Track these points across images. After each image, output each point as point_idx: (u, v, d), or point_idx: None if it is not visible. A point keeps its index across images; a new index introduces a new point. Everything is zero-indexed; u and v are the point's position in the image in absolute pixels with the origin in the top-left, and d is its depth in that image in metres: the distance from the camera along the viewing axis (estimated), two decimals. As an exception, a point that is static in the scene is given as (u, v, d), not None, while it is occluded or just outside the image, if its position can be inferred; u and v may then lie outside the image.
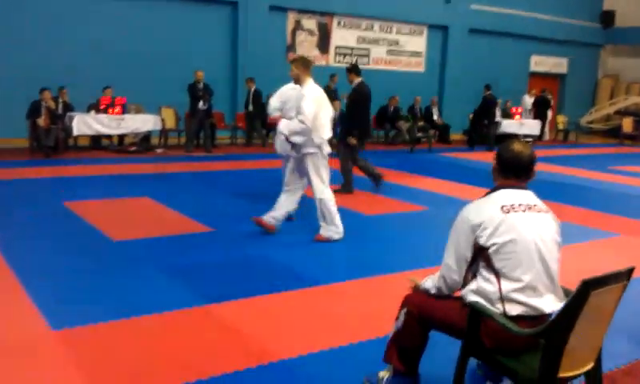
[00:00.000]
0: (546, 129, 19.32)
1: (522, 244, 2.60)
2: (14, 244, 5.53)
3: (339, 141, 9.00)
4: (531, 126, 17.89)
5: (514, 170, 2.78)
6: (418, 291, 3.01)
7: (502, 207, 2.67)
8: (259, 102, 13.88)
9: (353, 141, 8.64)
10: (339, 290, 4.70)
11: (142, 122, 12.71)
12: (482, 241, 2.63)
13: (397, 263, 5.33)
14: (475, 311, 2.65)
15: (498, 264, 2.60)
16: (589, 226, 7.36)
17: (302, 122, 5.79)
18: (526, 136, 17.81)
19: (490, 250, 2.61)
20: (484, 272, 2.66)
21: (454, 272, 2.77)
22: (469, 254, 2.71)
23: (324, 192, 6.09)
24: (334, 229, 6.17)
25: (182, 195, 8.28)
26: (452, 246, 2.78)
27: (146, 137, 13.02)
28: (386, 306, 3.79)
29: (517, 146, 2.83)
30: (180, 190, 8.71)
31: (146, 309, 4.07)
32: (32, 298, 4.17)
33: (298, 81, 6.10)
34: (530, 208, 2.71)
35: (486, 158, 14.16)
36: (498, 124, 17.01)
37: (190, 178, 9.81)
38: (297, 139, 5.91)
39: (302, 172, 6.22)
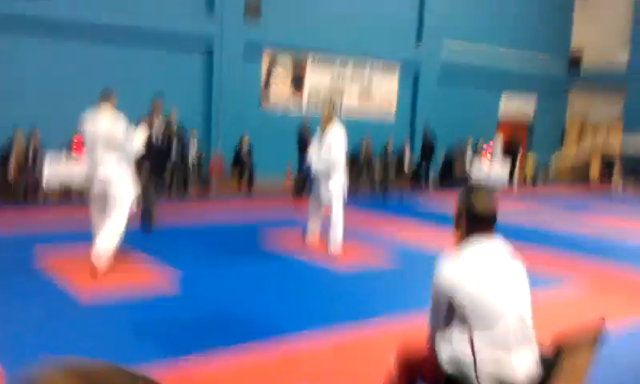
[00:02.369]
0: (515, 177, 19.58)
1: (495, 298, 2.61)
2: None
3: None
4: (500, 172, 18.15)
5: (485, 221, 2.74)
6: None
7: (474, 263, 2.66)
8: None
9: None
10: (308, 342, 4.68)
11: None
12: (456, 300, 2.63)
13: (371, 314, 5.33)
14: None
15: (471, 320, 2.60)
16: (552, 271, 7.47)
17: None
18: (495, 181, 18.12)
19: (465, 309, 2.61)
20: (458, 327, 2.65)
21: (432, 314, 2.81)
22: (438, 306, 2.73)
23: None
24: None
25: (153, 247, 8.17)
26: (433, 311, 2.78)
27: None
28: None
29: (485, 197, 2.78)
30: (150, 242, 8.61)
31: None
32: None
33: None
34: (501, 259, 2.72)
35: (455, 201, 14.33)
36: (469, 170, 17.26)
37: (162, 226, 9.70)
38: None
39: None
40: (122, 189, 6.69)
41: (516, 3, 21.62)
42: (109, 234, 6.53)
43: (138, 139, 6.94)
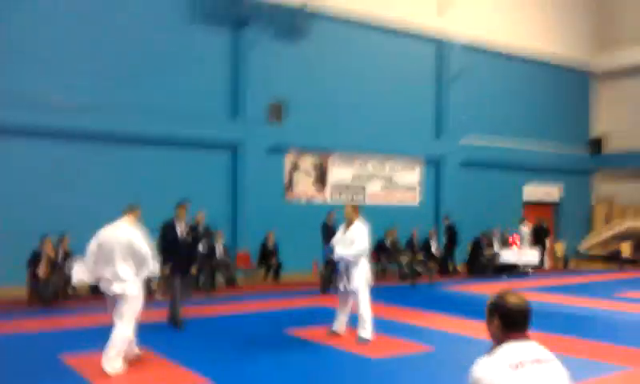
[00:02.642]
0: (545, 256, 19.37)
1: None
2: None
3: None
4: (530, 256, 17.94)
5: (518, 323, 2.72)
6: None
7: (510, 365, 2.60)
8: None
9: None
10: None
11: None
12: None
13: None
14: None
15: None
16: (597, 359, 7.18)
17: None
18: (526, 266, 17.85)
19: None
20: None
21: None
22: None
23: None
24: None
25: (182, 344, 8.10)
26: None
27: (146, 282, 12.93)
28: None
29: (514, 298, 2.76)
30: (180, 339, 8.53)
31: None
32: None
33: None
34: (538, 361, 2.65)
35: (486, 289, 14.07)
36: (496, 254, 17.13)
37: (191, 323, 9.62)
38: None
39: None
40: (134, 302, 6.76)
41: (531, 96, 22.00)
42: (116, 341, 6.57)
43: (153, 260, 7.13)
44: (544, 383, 2.60)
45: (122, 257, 6.64)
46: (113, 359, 6.50)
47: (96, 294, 12.50)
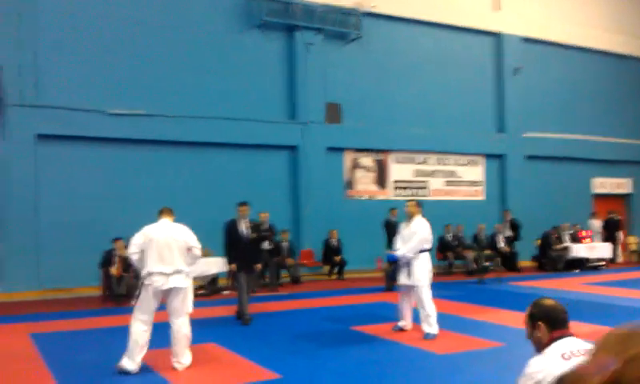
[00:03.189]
0: (619, 251, 18.68)
1: None
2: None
3: None
4: (602, 249, 17.34)
5: (561, 320, 2.98)
6: None
7: (563, 355, 2.81)
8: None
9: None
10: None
11: (209, 265, 12.96)
12: None
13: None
14: None
15: None
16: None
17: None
18: (598, 259, 17.28)
19: None
20: None
21: None
22: None
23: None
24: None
25: (249, 339, 8.24)
26: None
27: (213, 279, 13.23)
28: None
29: (550, 300, 3.06)
30: (246, 333, 8.67)
31: None
32: None
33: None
34: (585, 353, 2.75)
35: (557, 285, 13.68)
36: (567, 249, 16.66)
37: (257, 319, 9.77)
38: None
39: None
40: (188, 296, 6.88)
41: (595, 87, 21.27)
42: (182, 337, 6.69)
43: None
44: None
45: (179, 253, 6.77)
46: (184, 354, 6.66)
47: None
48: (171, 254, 6.73)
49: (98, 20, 13.91)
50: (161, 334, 6.74)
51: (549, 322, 2.96)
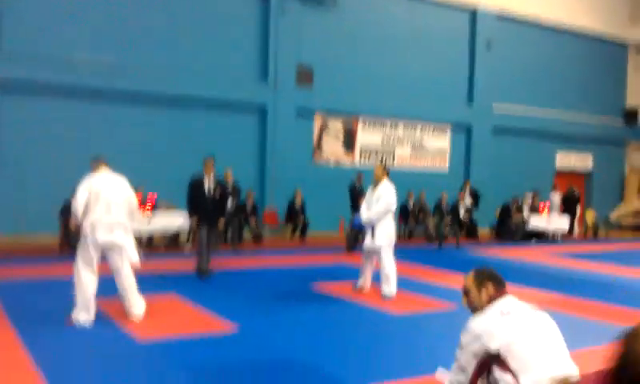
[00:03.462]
0: (575, 224, 19.16)
1: (528, 339, 2.86)
2: (40, 343, 5.53)
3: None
4: (560, 222, 17.76)
5: (501, 281, 3.29)
6: None
7: (501, 312, 3.04)
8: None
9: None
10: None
11: (171, 220, 12.90)
12: (491, 346, 2.88)
13: (430, 365, 5.18)
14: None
15: (512, 363, 2.81)
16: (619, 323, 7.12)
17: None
18: (555, 232, 17.70)
19: (501, 352, 2.82)
20: (501, 375, 2.84)
21: (462, 375, 3.07)
22: (473, 361, 2.98)
23: None
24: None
25: (209, 292, 8.27)
26: (461, 356, 3.11)
27: (175, 234, 13.18)
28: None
29: (487, 267, 3.44)
30: (207, 287, 8.70)
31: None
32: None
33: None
34: (523, 310, 3.08)
35: (514, 253, 14.00)
36: (526, 220, 17.03)
37: (217, 274, 9.79)
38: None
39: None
40: (130, 251, 6.77)
41: (565, 66, 21.56)
42: (133, 287, 6.69)
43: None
44: (531, 322, 2.96)
45: (123, 207, 6.68)
46: (136, 303, 6.68)
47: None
48: (116, 208, 6.61)
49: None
50: (103, 283, 6.71)
51: (495, 283, 3.24)
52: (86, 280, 6.41)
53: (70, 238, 11.62)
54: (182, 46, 14.80)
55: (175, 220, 12.86)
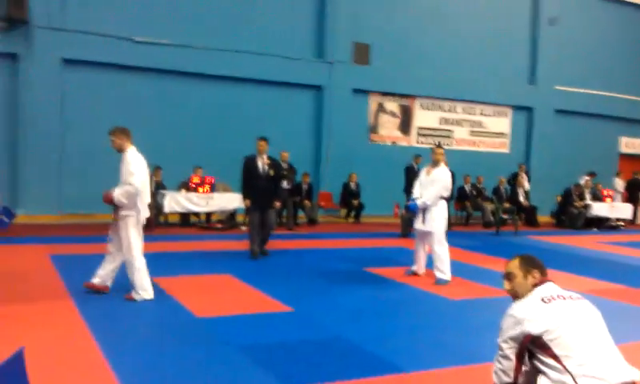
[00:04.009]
0: (639, 212, 18.48)
1: (571, 326, 2.86)
2: (101, 317, 5.74)
3: None
4: (623, 210, 17.18)
5: (544, 268, 3.31)
6: None
7: (542, 299, 3.04)
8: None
9: None
10: (418, 380, 4.55)
11: (228, 201, 13.12)
12: (533, 332, 2.89)
13: (482, 353, 5.12)
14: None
15: (556, 349, 2.82)
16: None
17: (131, 183, 6.35)
18: (617, 219, 17.13)
19: (544, 338, 2.86)
20: (546, 360, 2.85)
21: (506, 362, 3.05)
22: (515, 347, 2.99)
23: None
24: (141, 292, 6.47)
25: (264, 273, 8.38)
26: (503, 344, 3.11)
27: (232, 214, 13.41)
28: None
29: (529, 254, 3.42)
30: (262, 268, 8.82)
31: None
32: (116, 374, 4.26)
33: (120, 149, 6.59)
34: (564, 297, 3.08)
35: (575, 241, 13.63)
36: (588, 207, 16.53)
37: (272, 255, 9.91)
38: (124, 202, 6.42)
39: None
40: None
41: (632, 47, 20.65)
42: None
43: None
44: (574, 310, 2.97)
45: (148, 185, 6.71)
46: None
47: (185, 223, 13.20)
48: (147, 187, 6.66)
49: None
50: (164, 262, 6.86)
51: (540, 270, 3.28)
52: (143, 259, 6.54)
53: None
54: (238, 25, 14.93)
55: (232, 201, 13.07)
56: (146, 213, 6.55)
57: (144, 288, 6.48)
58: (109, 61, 13.60)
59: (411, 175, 13.43)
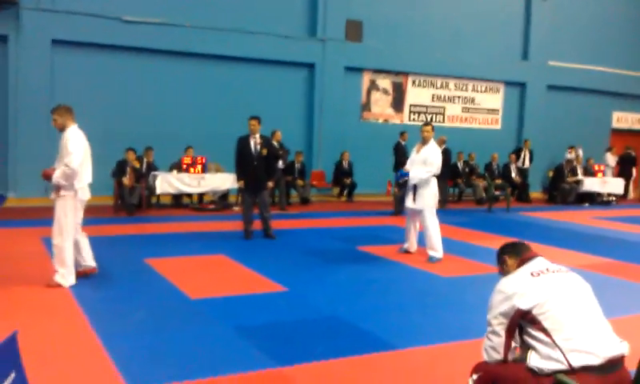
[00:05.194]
0: (630, 187, 18.58)
1: (560, 299, 2.85)
2: (95, 300, 5.75)
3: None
4: (614, 185, 17.26)
5: (524, 247, 3.28)
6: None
7: (532, 273, 3.01)
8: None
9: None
10: (411, 356, 4.59)
11: (220, 181, 13.09)
12: (522, 306, 2.86)
13: (474, 329, 5.16)
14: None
15: (545, 323, 2.80)
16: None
17: (67, 165, 6.02)
18: (609, 194, 17.22)
19: (534, 312, 2.83)
20: (535, 334, 2.84)
21: (495, 338, 3.01)
22: (504, 323, 2.96)
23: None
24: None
25: (257, 253, 8.40)
26: (492, 319, 3.05)
27: (224, 195, 13.39)
28: (459, 371, 3.67)
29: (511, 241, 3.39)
30: (255, 248, 8.84)
31: (221, 369, 4.10)
32: (111, 357, 4.28)
33: (62, 128, 6.28)
34: (554, 271, 3.04)
35: (567, 217, 13.70)
36: (580, 182, 16.60)
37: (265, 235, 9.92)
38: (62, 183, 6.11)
39: None
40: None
41: (624, 21, 20.57)
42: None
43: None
44: (563, 284, 2.94)
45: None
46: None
47: (177, 204, 13.17)
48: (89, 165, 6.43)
49: None
50: (156, 243, 6.85)
51: (513, 253, 3.25)
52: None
53: (123, 199, 11.94)
54: (228, 3, 14.81)
55: (224, 182, 13.05)
56: (85, 194, 6.34)
57: (71, 272, 6.22)
58: (98, 41, 13.48)
59: (399, 152, 13.47)
